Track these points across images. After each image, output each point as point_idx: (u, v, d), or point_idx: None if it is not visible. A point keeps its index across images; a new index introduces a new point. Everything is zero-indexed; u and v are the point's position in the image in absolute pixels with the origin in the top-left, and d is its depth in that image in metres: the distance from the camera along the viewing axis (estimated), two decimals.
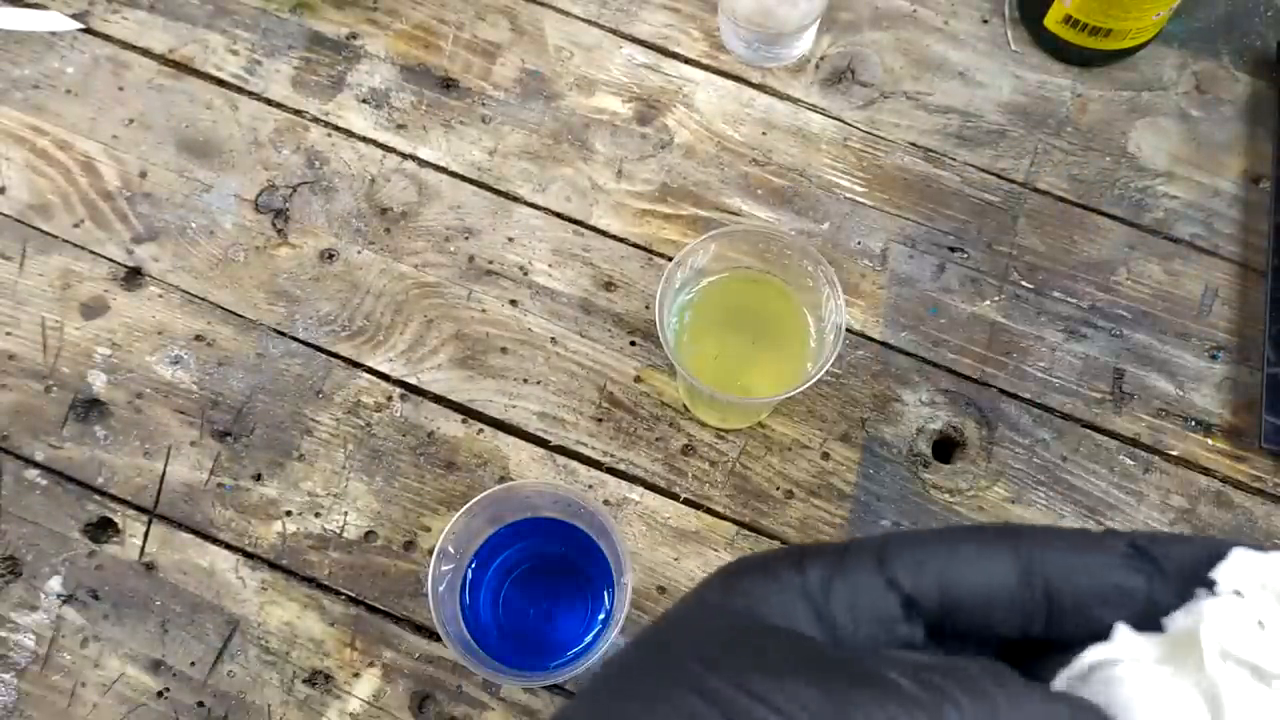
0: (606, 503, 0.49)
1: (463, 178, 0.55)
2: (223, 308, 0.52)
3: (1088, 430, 0.51)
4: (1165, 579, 0.18)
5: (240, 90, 0.56)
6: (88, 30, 0.57)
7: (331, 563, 0.48)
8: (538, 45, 0.58)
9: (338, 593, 0.47)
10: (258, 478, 0.49)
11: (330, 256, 0.53)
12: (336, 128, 0.56)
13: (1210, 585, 0.18)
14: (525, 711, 0.46)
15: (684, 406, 0.51)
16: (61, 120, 0.55)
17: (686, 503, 0.49)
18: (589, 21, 0.58)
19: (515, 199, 0.54)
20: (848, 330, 0.51)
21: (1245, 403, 0.51)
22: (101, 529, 0.48)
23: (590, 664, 0.41)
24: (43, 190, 0.54)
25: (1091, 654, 0.18)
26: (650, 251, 0.54)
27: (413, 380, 0.51)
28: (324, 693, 0.46)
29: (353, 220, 0.54)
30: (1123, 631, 0.18)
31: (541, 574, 0.46)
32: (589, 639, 0.44)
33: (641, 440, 0.50)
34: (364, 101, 0.56)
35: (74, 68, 0.56)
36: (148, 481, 0.49)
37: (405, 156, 0.55)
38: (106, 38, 0.57)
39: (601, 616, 0.45)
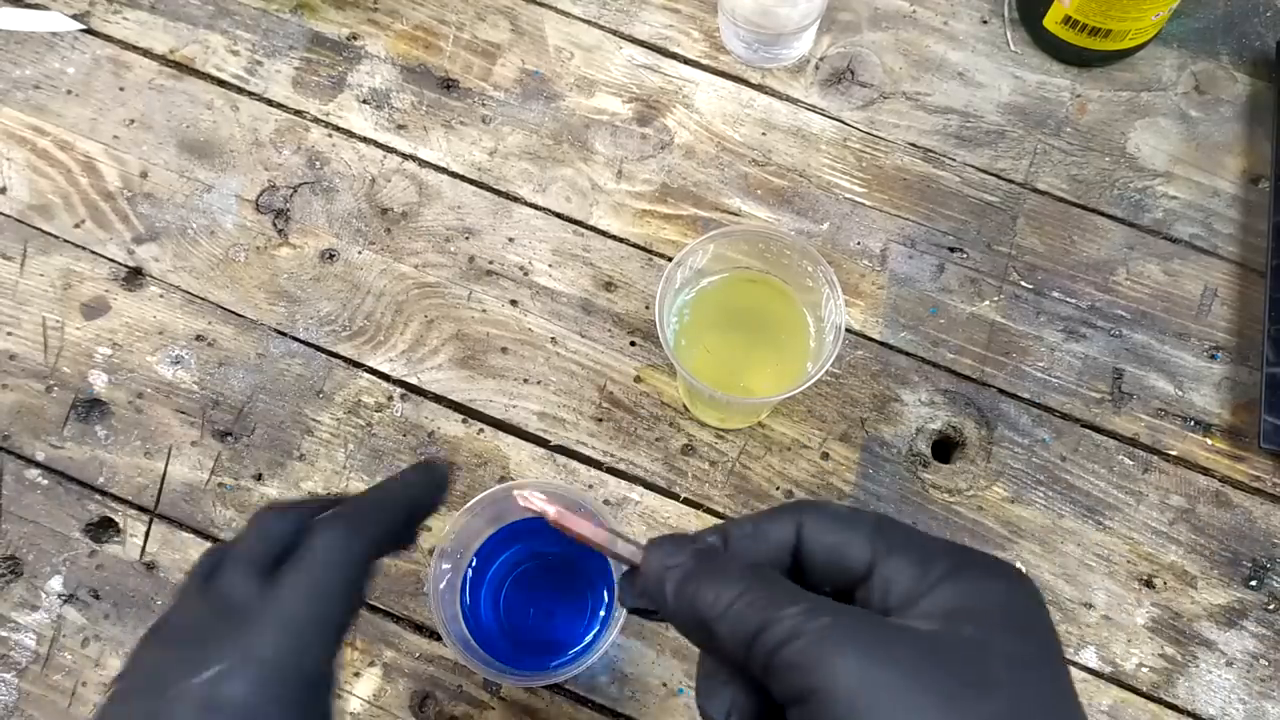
0: (606, 503, 0.49)
1: (463, 178, 0.55)
2: (223, 308, 0.52)
3: (1087, 430, 0.51)
4: None
5: (241, 91, 0.56)
6: (88, 31, 0.57)
7: None
8: (538, 46, 0.58)
9: None
10: (258, 477, 0.49)
11: (331, 257, 0.53)
12: (337, 128, 0.56)
13: None
14: (525, 711, 0.46)
15: (684, 406, 0.51)
16: (62, 120, 0.55)
17: (686, 502, 0.49)
18: (589, 22, 0.58)
19: (515, 199, 0.55)
20: (847, 330, 0.52)
21: (1244, 403, 0.51)
22: (102, 529, 0.48)
23: (591, 663, 0.41)
24: (44, 190, 0.54)
25: None
26: (650, 251, 0.54)
27: (413, 380, 0.51)
28: None
29: (353, 220, 0.54)
30: None
31: (541, 574, 0.46)
32: (589, 638, 0.44)
33: (641, 440, 0.50)
34: (364, 102, 0.56)
35: (75, 68, 0.57)
36: (148, 481, 0.49)
37: (406, 157, 0.55)
38: (107, 38, 0.57)
39: (601, 616, 0.45)
